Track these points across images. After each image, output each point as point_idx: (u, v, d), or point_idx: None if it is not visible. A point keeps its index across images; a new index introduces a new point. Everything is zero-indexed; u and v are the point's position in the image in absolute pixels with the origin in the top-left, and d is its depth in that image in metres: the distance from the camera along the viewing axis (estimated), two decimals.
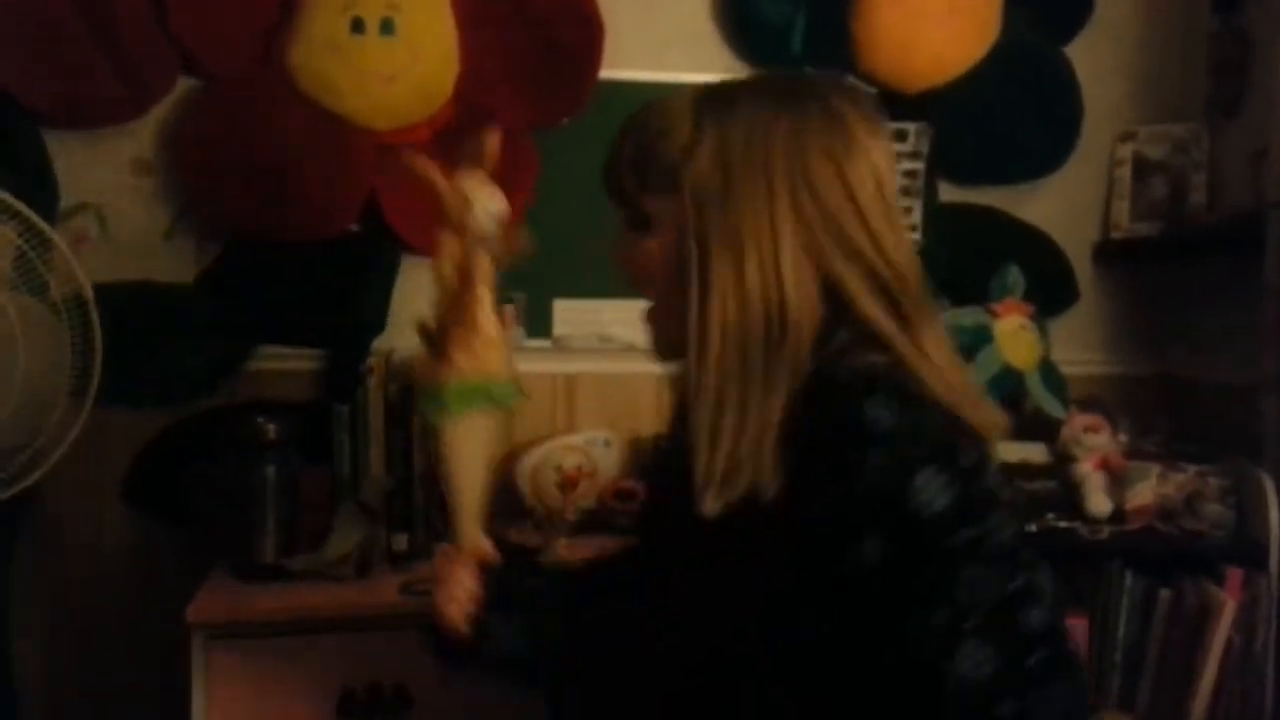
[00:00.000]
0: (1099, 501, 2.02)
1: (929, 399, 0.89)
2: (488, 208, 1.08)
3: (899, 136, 2.26)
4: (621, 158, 1.01)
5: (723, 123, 0.95)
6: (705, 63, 2.22)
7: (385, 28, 2.01)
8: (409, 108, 2.05)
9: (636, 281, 1.02)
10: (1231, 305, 2.18)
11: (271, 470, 1.83)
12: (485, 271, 1.08)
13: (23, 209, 1.78)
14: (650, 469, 1.17)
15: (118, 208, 2.05)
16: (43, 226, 1.80)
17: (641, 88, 2.15)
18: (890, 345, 0.92)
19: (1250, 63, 2.21)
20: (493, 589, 1.10)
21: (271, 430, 1.84)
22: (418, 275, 2.08)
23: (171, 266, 2.07)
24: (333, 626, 1.70)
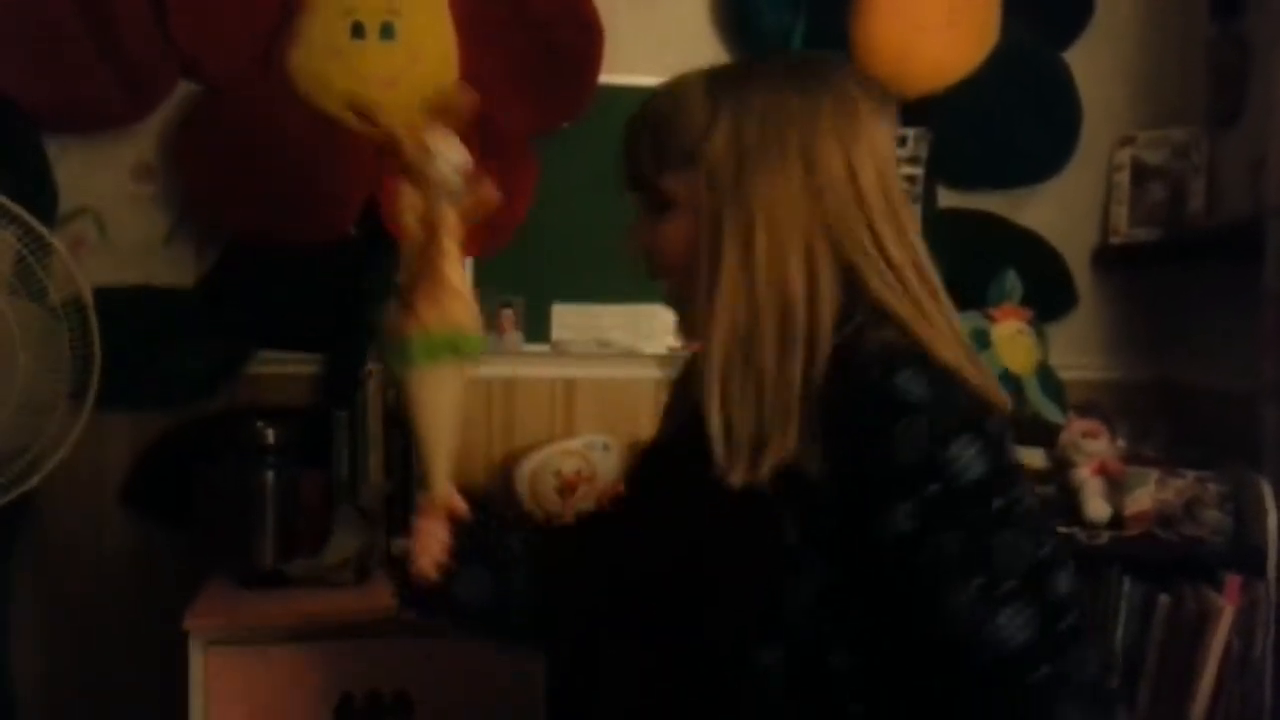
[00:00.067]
0: (1097, 507, 2.02)
1: (952, 373, 0.91)
2: (449, 158, 1.08)
3: (898, 142, 2.26)
4: (638, 140, 1.02)
5: (739, 102, 0.96)
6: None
7: (385, 32, 2.01)
8: (409, 112, 2.05)
9: (654, 265, 1.03)
10: (1230, 311, 2.18)
11: (270, 475, 1.83)
12: (450, 224, 1.08)
13: (22, 213, 1.78)
14: (642, 455, 1.18)
15: (117, 212, 2.06)
16: (42, 231, 1.80)
17: (641, 92, 2.11)
18: (904, 325, 0.93)
19: (1249, 69, 2.21)
20: (462, 542, 1.12)
21: (271, 435, 1.84)
22: None
23: (171, 271, 2.07)
24: (332, 632, 1.70)
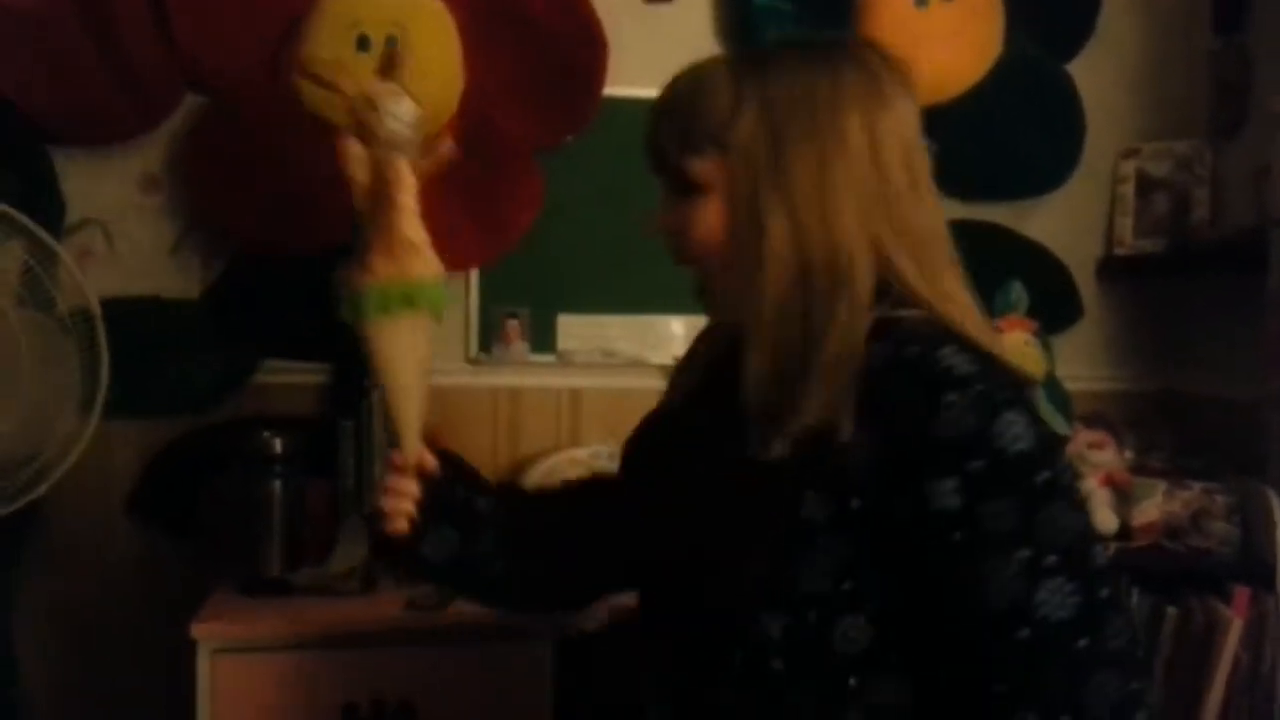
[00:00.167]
0: (1105, 518, 2.01)
1: (987, 348, 0.91)
2: (394, 111, 1.08)
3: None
4: (662, 125, 1.02)
5: (763, 83, 0.96)
6: None
7: (390, 45, 2.01)
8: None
9: (681, 248, 1.02)
10: (1235, 321, 2.18)
11: (277, 484, 1.84)
12: (404, 177, 1.08)
13: (29, 224, 1.79)
14: (645, 423, 1.18)
15: (124, 223, 2.07)
16: (49, 242, 1.81)
17: (645, 105, 2.13)
18: (929, 305, 0.93)
19: (1252, 80, 2.21)
20: (432, 501, 1.12)
21: (277, 444, 1.85)
22: None
23: (177, 281, 2.08)
24: (337, 641, 1.70)
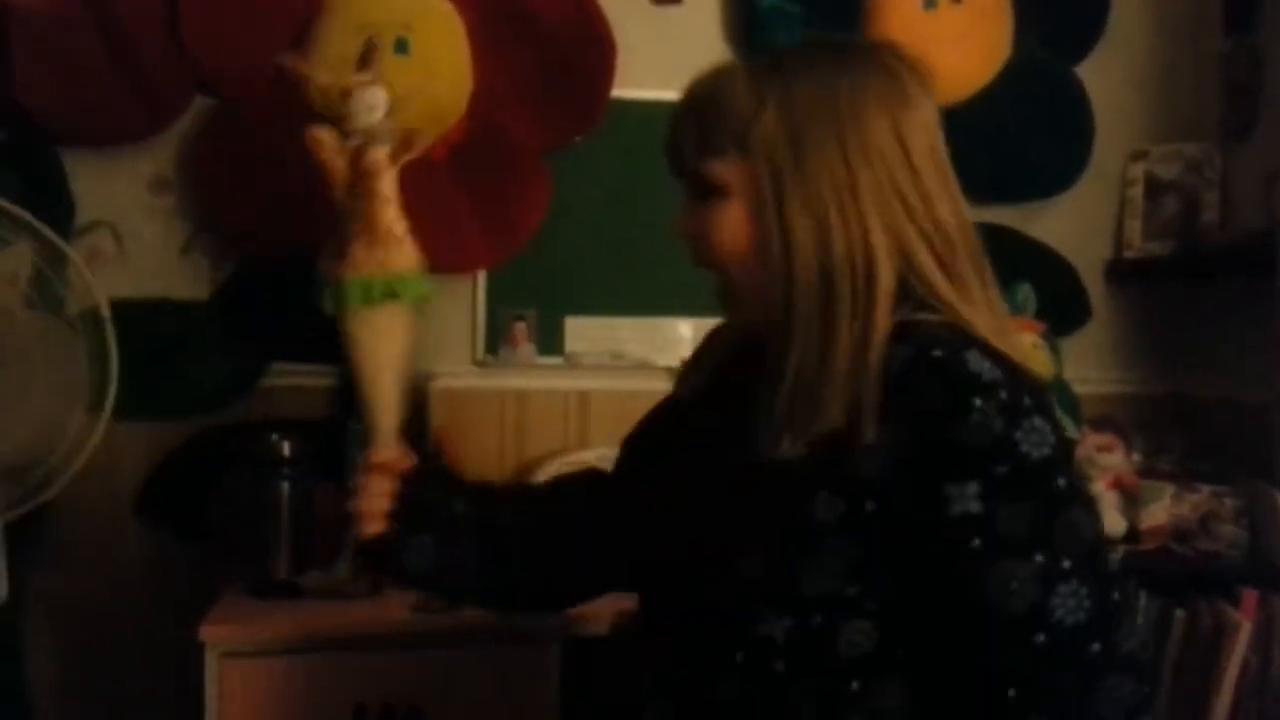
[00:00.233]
0: (1113, 521, 2.00)
1: (1005, 353, 0.91)
2: (363, 99, 1.08)
3: None
4: (682, 128, 1.01)
5: (785, 85, 0.96)
6: None
7: (399, 47, 2.02)
8: (423, 126, 2.06)
9: (702, 250, 1.01)
10: (1244, 324, 2.17)
11: (285, 487, 1.84)
12: (380, 166, 1.07)
13: (39, 226, 1.79)
14: (649, 420, 1.15)
15: (134, 224, 2.07)
16: (59, 243, 1.82)
17: (653, 106, 2.15)
18: (947, 305, 0.93)
19: (1262, 82, 2.20)
20: (407, 503, 1.10)
21: (286, 447, 1.85)
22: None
23: (187, 283, 2.09)
24: (345, 644, 1.70)
